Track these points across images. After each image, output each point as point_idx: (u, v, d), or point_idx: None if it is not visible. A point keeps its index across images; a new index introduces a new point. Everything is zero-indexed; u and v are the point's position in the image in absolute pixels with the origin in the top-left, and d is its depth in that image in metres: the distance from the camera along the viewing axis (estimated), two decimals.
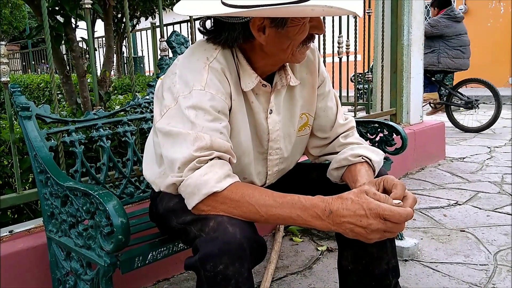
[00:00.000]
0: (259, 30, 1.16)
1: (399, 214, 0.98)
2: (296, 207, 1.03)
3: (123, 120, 1.80)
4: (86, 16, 1.92)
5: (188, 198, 1.10)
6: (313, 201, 1.03)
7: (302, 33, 1.16)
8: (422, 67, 4.00)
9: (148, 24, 5.98)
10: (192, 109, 1.12)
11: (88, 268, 1.33)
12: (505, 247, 2.27)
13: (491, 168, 3.78)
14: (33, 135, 1.52)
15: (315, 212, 1.02)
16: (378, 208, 0.98)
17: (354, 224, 0.99)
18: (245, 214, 1.07)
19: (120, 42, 6.14)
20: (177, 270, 2.12)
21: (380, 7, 3.62)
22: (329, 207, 1.01)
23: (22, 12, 10.72)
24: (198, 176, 1.07)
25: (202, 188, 1.06)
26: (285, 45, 1.18)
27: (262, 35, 1.16)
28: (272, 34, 1.16)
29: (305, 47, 1.21)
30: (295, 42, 1.17)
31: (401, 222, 0.99)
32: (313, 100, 1.39)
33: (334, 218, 1.01)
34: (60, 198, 1.37)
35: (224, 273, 1.00)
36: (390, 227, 0.99)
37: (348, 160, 1.33)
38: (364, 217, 0.98)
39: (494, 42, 11.12)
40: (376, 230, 0.99)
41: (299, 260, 2.23)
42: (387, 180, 1.12)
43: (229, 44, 1.20)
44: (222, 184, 1.07)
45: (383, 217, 0.98)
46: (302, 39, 1.17)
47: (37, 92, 6.99)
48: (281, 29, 1.14)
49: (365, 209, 0.98)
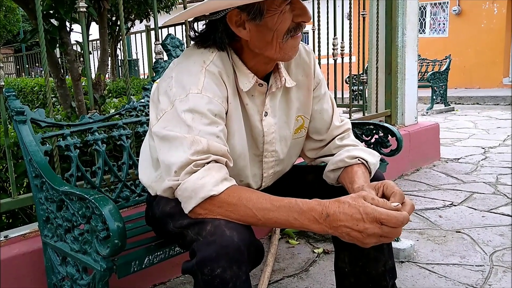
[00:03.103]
0: (238, 25, 1.16)
1: (396, 219, 0.98)
2: (293, 211, 1.03)
3: (118, 124, 1.79)
4: (80, 20, 1.91)
5: (185, 202, 1.10)
6: (310, 205, 1.03)
7: (283, 22, 1.15)
8: (417, 68, 4.02)
9: (142, 27, 5.97)
10: (189, 113, 1.12)
11: (84, 273, 1.32)
12: (501, 247, 2.28)
13: (486, 169, 3.80)
14: (28, 140, 1.51)
15: (312, 215, 1.02)
16: (375, 212, 0.98)
17: (351, 228, 0.99)
18: (242, 218, 1.06)
19: (115, 45, 6.13)
20: (173, 274, 2.11)
21: (375, 8, 3.63)
22: (326, 210, 1.01)
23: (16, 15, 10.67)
24: (195, 180, 1.07)
25: (199, 192, 1.06)
26: (268, 37, 1.16)
27: (242, 31, 1.17)
28: (253, 28, 1.15)
29: (292, 39, 1.19)
30: (278, 33, 1.16)
31: (398, 227, 0.99)
32: (309, 103, 1.39)
33: (331, 222, 1.01)
34: (56, 203, 1.37)
35: (222, 277, 1.00)
36: (387, 232, 0.99)
37: (345, 161, 1.33)
38: (360, 221, 0.98)
39: (488, 43, 11.19)
40: (372, 235, 0.99)
41: (296, 262, 2.23)
42: (387, 186, 1.13)
43: (218, 46, 1.21)
44: (219, 188, 1.07)
45: (380, 221, 0.98)
46: (285, 28, 1.16)
47: (31, 95, 6.95)
48: (259, 21, 1.14)
49: (361, 213, 0.98)
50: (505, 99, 9.09)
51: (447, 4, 11.96)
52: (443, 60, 8.50)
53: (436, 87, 8.00)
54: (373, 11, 3.68)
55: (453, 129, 6.04)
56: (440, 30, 12.23)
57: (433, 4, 12.23)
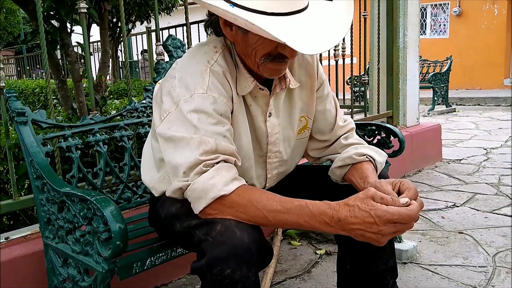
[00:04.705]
0: (227, 24, 1.15)
1: (408, 216, 0.99)
2: (304, 214, 1.03)
3: (119, 125, 1.79)
4: (81, 21, 1.91)
5: (194, 203, 1.09)
6: (320, 208, 1.02)
7: (262, 46, 1.12)
8: (418, 69, 4.01)
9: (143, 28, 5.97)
10: (195, 113, 1.11)
11: (85, 274, 1.31)
12: (504, 248, 2.27)
13: (488, 170, 3.79)
14: (29, 141, 1.50)
15: (323, 219, 1.02)
16: (387, 214, 0.98)
17: (364, 230, 1.00)
18: (252, 219, 1.06)
19: (116, 46, 6.13)
20: (175, 276, 2.10)
21: (376, 9, 3.62)
22: (337, 215, 1.01)
23: (17, 17, 10.68)
24: (205, 180, 1.06)
25: (209, 192, 1.06)
26: (248, 50, 1.16)
27: (228, 30, 1.16)
28: (239, 34, 1.14)
29: (273, 64, 1.15)
30: (257, 53, 1.14)
31: (411, 222, 1.01)
32: (312, 103, 1.38)
33: (343, 225, 1.01)
34: (57, 204, 1.36)
35: (231, 277, 0.99)
36: (400, 228, 1.01)
37: (353, 158, 1.33)
38: (374, 224, 0.98)
39: (488, 44, 11.19)
40: (387, 234, 1.00)
41: (298, 264, 2.22)
42: (404, 183, 1.13)
43: (216, 32, 1.21)
44: (229, 187, 1.06)
45: (393, 221, 0.98)
46: (264, 52, 1.13)
47: (32, 97, 6.95)
48: (243, 33, 1.13)
49: (373, 216, 0.98)
50: (506, 100, 9.08)
51: (448, 5, 11.96)
52: (444, 61, 8.50)
53: (437, 88, 7.99)
54: (374, 12, 3.67)
55: (455, 130, 6.03)
56: (440, 31, 12.23)
57: (434, 5, 12.23)
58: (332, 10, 1.15)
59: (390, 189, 1.10)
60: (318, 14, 1.12)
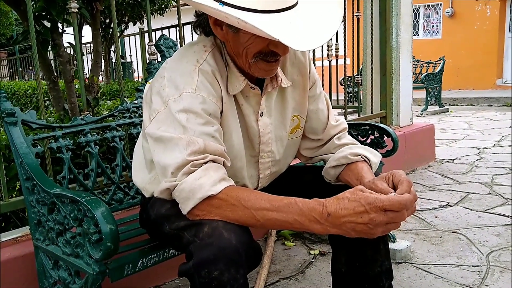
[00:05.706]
0: (216, 24, 1.14)
1: (399, 202, 0.97)
2: (293, 211, 1.02)
3: (111, 125, 1.77)
4: (73, 21, 1.89)
5: (182, 203, 1.08)
6: (309, 205, 1.01)
7: (254, 44, 1.11)
8: (411, 70, 4.02)
9: (136, 29, 5.94)
10: (183, 113, 1.10)
11: (76, 276, 1.30)
12: (497, 247, 2.27)
13: (481, 169, 3.80)
14: (18, 142, 1.49)
15: (313, 216, 1.00)
16: (377, 200, 0.97)
17: (355, 222, 0.97)
18: (241, 219, 1.05)
19: (108, 47, 6.10)
20: (168, 277, 2.09)
21: (369, 10, 3.63)
22: (326, 209, 0.99)
23: (9, 19, 10.64)
24: (192, 180, 1.05)
25: (197, 192, 1.04)
26: (239, 50, 1.15)
27: (219, 30, 1.15)
28: (230, 33, 1.13)
29: (264, 63, 1.15)
30: (248, 52, 1.13)
31: (402, 209, 0.98)
32: (305, 102, 1.38)
33: (333, 220, 0.99)
34: (47, 206, 1.34)
35: (219, 279, 0.98)
36: (392, 217, 0.97)
37: (348, 158, 1.32)
38: (364, 213, 0.96)
39: (481, 45, 11.24)
40: (379, 223, 0.97)
41: (292, 264, 2.22)
42: (395, 175, 1.11)
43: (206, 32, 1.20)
44: (217, 188, 1.05)
45: (383, 208, 0.96)
46: (256, 50, 1.12)
47: (24, 99, 6.91)
48: (234, 32, 1.12)
49: (363, 204, 0.97)
50: (499, 100, 9.13)
51: (440, 6, 12.01)
52: (437, 61, 8.53)
53: (430, 89, 8.01)
54: (367, 12, 3.68)
55: (448, 130, 6.04)
56: (433, 32, 12.27)
57: (426, 6, 12.28)
58: (321, 6, 1.14)
59: (387, 187, 1.09)
60: (308, 11, 1.11)
